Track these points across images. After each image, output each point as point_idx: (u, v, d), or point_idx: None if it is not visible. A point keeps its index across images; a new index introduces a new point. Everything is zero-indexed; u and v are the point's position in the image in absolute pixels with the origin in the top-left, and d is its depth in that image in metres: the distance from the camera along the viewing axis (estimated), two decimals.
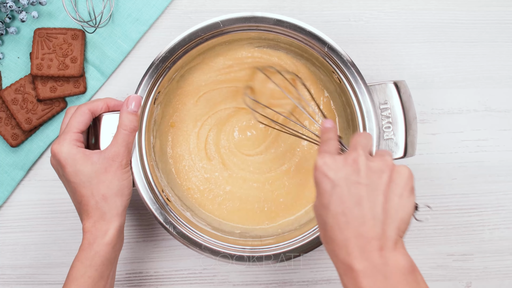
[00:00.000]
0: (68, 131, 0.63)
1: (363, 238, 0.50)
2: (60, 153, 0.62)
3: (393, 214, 0.51)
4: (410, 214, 0.52)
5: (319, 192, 0.53)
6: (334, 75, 0.67)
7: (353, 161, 0.53)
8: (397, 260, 0.50)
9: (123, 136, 0.63)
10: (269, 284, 0.76)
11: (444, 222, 0.77)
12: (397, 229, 0.51)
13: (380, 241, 0.50)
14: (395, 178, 0.52)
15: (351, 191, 0.51)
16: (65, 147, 0.62)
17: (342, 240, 0.51)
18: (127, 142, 0.63)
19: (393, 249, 0.50)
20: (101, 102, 0.65)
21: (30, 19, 0.74)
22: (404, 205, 0.52)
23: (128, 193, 0.64)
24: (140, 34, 0.75)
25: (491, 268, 0.77)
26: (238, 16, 0.66)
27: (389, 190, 0.51)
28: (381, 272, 0.49)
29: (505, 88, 0.78)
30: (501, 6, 0.78)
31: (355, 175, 0.52)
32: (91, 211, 0.62)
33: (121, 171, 0.63)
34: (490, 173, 0.77)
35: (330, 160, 0.53)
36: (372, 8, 0.77)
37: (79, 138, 0.63)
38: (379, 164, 0.53)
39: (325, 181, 0.53)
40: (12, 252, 0.75)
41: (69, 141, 0.62)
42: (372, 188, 0.51)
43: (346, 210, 0.51)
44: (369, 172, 0.52)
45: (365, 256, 0.50)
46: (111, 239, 0.62)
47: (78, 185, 0.62)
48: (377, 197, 0.51)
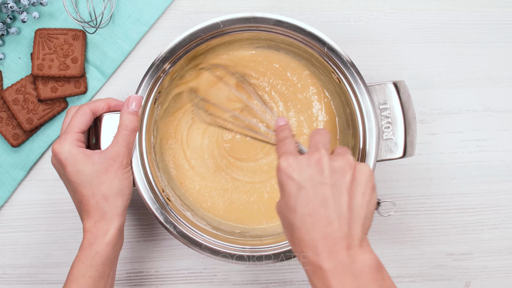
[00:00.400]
0: (69, 131, 0.63)
1: (330, 238, 0.50)
2: (61, 152, 0.62)
3: (358, 212, 0.51)
4: (373, 211, 0.53)
5: (284, 194, 0.53)
6: (334, 75, 0.68)
7: (317, 161, 0.53)
8: (364, 258, 0.51)
9: (123, 136, 0.63)
10: (269, 283, 0.77)
11: (443, 221, 0.77)
12: (362, 226, 0.52)
13: (347, 240, 0.51)
14: (357, 177, 0.52)
15: (316, 191, 0.52)
16: (66, 147, 0.62)
17: (310, 240, 0.51)
18: (128, 142, 0.63)
19: (359, 247, 0.51)
20: (102, 102, 0.66)
21: (31, 19, 0.75)
22: (367, 202, 0.52)
23: (128, 193, 0.64)
24: (141, 34, 0.76)
25: (490, 268, 0.77)
26: (238, 16, 0.66)
27: (353, 189, 0.52)
28: (350, 271, 0.50)
29: (505, 88, 0.78)
30: (501, 7, 0.78)
31: (319, 175, 0.52)
32: (91, 211, 0.62)
33: (122, 171, 0.63)
34: (490, 173, 0.77)
35: (293, 161, 0.53)
36: (372, 8, 0.77)
37: (80, 138, 0.63)
38: (341, 163, 0.53)
39: (290, 183, 0.53)
40: (13, 251, 0.76)
41: (70, 141, 0.62)
42: (337, 188, 0.52)
43: (313, 211, 0.51)
44: (333, 172, 0.52)
45: (333, 256, 0.50)
46: (111, 238, 0.62)
47: (79, 185, 0.62)
48: (341, 197, 0.51)
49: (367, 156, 0.65)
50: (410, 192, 0.77)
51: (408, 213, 0.77)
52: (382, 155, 0.66)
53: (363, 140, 0.66)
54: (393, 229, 0.77)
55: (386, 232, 0.77)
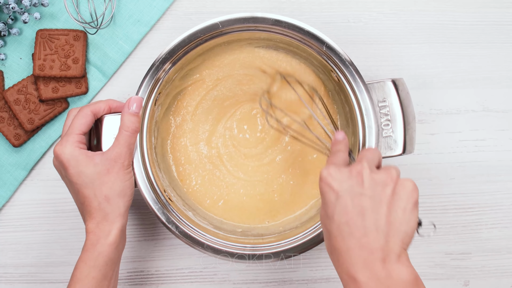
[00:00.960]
0: (70, 133, 0.63)
1: (366, 249, 0.51)
2: (63, 154, 0.62)
3: (396, 226, 0.51)
4: (413, 228, 0.52)
5: (324, 202, 0.54)
6: (333, 73, 0.68)
7: (358, 173, 0.53)
8: (401, 273, 0.50)
9: (125, 137, 0.64)
10: (269, 282, 0.77)
11: (442, 221, 0.77)
12: (401, 241, 0.51)
13: (383, 253, 0.50)
14: (398, 191, 0.52)
15: (354, 202, 0.52)
16: (68, 148, 0.62)
17: (345, 250, 0.51)
18: (129, 143, 0.64)
19: (396, 261, 0.51)
20: (103, 103, 0.66)
21: (32, 20, 0.75)
22: (407, 219, 0.52)
23: (130, 194, 0.64)
24: (141, 35, 0.76)
25: (489, 267, 0.77)
26: (237, 17, 0.67)
27: (393, 203, 0.52)
28: (384, 285, 0.50)
29: (504, 89, 0.78)
30: (499, 8, 0.78)
31: (359, 187, 0.52)
32: (94, 212, 0.62)
33: (123, 172, 0.63)
34: (488, 173, 0.78)
35: (334, 171, 0.54)
36: (371, 9, 0.77)
37: (81, 139, 0.64)
38: (383, 176, 0.53)
39: (330, 191, 0.53)
40: (14, 251, 0.76)
41: (72, 142, 0.63)
42: (376, 200, 0.52)
43: (350, 220, 0.51)
44: (373, 184, 0.53)
45: (368, 267, 0.50)
46: (114, 239, 0.62)
47: (81, 186, 0.62)
48: (380, 209, 0.52)
49: None
50: None
51: None
52: (381, 152, 0.66)
53: (363, 137, 0.66)
54: None
55: None
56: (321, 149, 0.67)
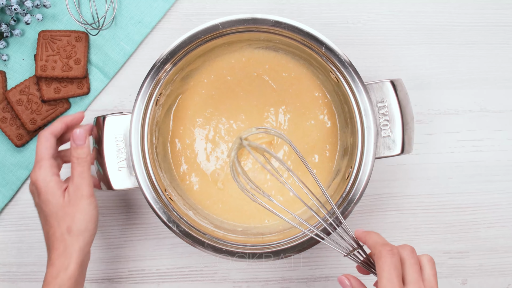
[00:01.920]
0: (41, 158, 0.64)
1: None
2: (38, 180, 0.63)
3: None
4: None
5: None
6: (332, 74, 0.68)
7: None
8: None
9: (76, 168, 0.64)
10: (268, 281, 0.77)
11: (440, 220, 0.78)
12: None
13: None
14: None
15: None
16: (41, 175, 0.63)
17: None
18: (81, 172, 0.64)
19: None
20: (58, 122, 0.66)
21: (34, 21, 0.75)
22: None
23: (92, 228, 0.64)
24: (143, 36, 0.76)
25: (487, 266, 0.78)
26: (237, 18, 0.67)
27: None
28: None
29: (501, 89, 0.78)
30: (497, 9, 0.78)
31: None
32: (56, 243, 0.62)
33: (84, 203, 0.63)
34: (486, 172, 0.78)
35: None
36: (370, 11, 0.78)
37: (53, 164, 0.64)
38: None
39: None
40: (17, 249, 0.76)
41: (45, 168, 0.63)
42: None
43: None
44: None
45: None
46: (73, 273, 0.62)
47: (48, 215, 0.63)
48: None
49: (365, 153, 0.66)
50: (407, 191, 0.78)
51: (405, 212, 0.78)
52: (380, 152, 0.67)
53: (362, 138, 0.66)
54: (390, 228, 0.78)
55: (384, 231, 0.77)
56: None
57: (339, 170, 0.71)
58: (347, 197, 0.66)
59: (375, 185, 0.77)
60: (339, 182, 0.70)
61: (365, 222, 0.77)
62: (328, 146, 0.73)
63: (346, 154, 0.70)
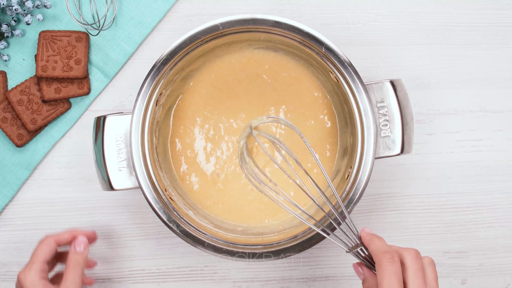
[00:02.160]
0: (34, 261, 0.65)
1: None
2: (25, 281, 0.64)
3: None
4: None
5: None
6: (332, 74, 0.68)
7: None
8: None
9: (70, 272, 0.65)
10: (268, 280, 0.77)
11: (440, 220, 0.78)
12: None
13: None
14: None
15: None
16: (30, 277, 0.64)
17: None
18: (74, 277, 0.65)
19: None
20: (66, 234, 0.68)
21: (35, 22, 0.76)
22: None
23: None
24: (143, 36, 0.76)
25: (486, 266, 0.78)
26: (237, 18, 0.67)
27: None
28: None
29: (501, 90, 0.79)
30: (497, 10, 0.78)
31: None
32: None
33: None
34: (486, 172, 0.78)
35: None
36: (370, 11, 0.78)
37: (44, 268, 0.65)
38: None
39: None
40: (17, 249, 0.76)
41: (35, 271, 0.64)
42: None
43: None
44: None
45: None
46: None
47: None
48: None
49: (365, 153, 0.66)
50: (407, 191, 0.78)
51: (405, 212, 0.78)
52: (380, 152, 0.67)
53: (361, 138, 0.66)
54: (390, 228, 0.78)
55: (383, 230, 0.77)
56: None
57: (339, 170, 0.71)
58: (347, 197, 0.66)
59: (375, 185, 0.77)
60: (339, 182, 0.70)
61: (365, 222, 0.77)
62: (328, 146, 0.73)
63: (346, 154, 0.70)
